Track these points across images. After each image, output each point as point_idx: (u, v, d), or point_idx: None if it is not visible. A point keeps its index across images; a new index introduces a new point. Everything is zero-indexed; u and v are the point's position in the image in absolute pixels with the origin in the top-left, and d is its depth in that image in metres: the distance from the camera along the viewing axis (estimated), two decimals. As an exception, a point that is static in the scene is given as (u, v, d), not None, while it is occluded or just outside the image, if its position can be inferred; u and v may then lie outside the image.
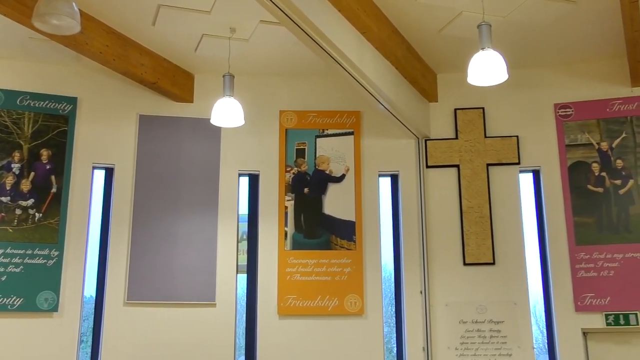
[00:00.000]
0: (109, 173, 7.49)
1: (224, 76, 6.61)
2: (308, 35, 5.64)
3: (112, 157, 7.46)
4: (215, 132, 7.56)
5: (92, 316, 7.27)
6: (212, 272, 7.30)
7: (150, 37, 6.95)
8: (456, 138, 7.77)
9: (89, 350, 7.18)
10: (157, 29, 6.76)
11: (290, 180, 7.70)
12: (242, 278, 7.64)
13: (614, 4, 6.22)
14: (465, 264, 7.44)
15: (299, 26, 5.49)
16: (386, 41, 6.62)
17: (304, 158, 7.78)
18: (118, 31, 6.80)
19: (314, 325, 7.33)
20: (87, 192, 7.32)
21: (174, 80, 7.51)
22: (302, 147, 7.81)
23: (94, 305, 7.27)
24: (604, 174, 7.39)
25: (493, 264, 7.40)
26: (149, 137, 7.54)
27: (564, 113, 7.62)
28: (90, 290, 7.30)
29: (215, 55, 7.14)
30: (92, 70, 7.36)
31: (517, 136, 7.67)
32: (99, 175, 7.51)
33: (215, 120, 6.62)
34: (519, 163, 7.62)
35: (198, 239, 7.38)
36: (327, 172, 7.74)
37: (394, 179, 7.89)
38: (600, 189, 7.37)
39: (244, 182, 7.81)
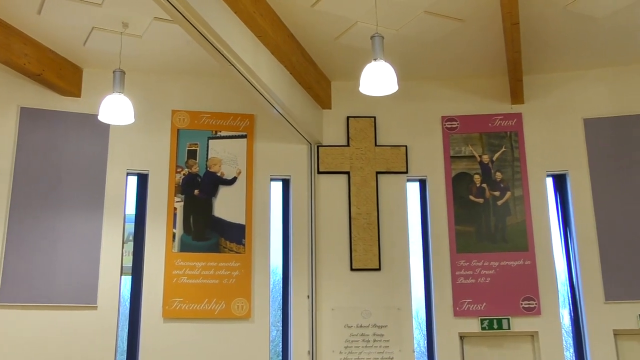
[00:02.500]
0: (-15, 167, 7.06)
1: (114, 72, 6.40)
2: (202, 35, 5.58)
3: (-11, 151, 7.06)
4: (104, 129, 7.31)
5: (-40, 319, 6.82)
6: (94, 273, 7.04)
7: (36, 27, 6.63)
8: (348, 145, 7.92)
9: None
10: (43, 18, 6.45)
11: (181, 181, 7.57)
12: (127, 280, 7.42)
13: (498, 25, 6.57)
14: (352, 269, 7.59)
15: (193, 25, 5.42)
16: (281, 46, 6.65)
17: (196, 159, 7.67)
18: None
19: (200, 328, 7.22)
20: (-40, 186, 6.88)
21: (60, 73, 7.19)
22: (193, 148, 7.69)
23: (-38, 307, 6.83)
24: (484, 185, 7.76)
25: (379, 270, 7.59)
26: (31, 131, 7.18)
27: (450, 126, 7.95)
28: (-41, 291, 6.85)
29: (105, 49, 6.91)
30: (-30, 57, 6.93)
31: (405, 146, 7.92)
32: (-26, 169, 7.07)
33: (103, 117, 6.40)
34: (406, 172, 7.87)
35: (81, 238, 7.09)
36: (219, 174, 7.67)
37: (286, 184, 7.93)
38: (480, 200, 7.73)
39: (132, 181, 7.60)
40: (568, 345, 7.68)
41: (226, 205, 7.58)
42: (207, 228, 7.50)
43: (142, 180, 7.58)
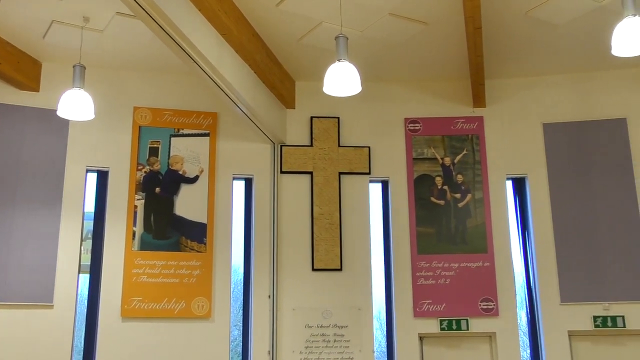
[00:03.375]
0: (-62, 161, 6.88)
1: (74, 66, 6.29)
2: (165, 31, 5.52)
3: (-57, 145, 6.88)
4: (63, 124, 7.18)
5: None
6: (50, 271, 6.91)
7: (-7, 18, 6.48)
8: (311, 145, 7.92)
9: None
10: (1, 10, 6.29)
11: (142, 179, 7.48)
12: (85, 278, 7.30)
13: (461, 29, 6.64)
14: (313, 269, 7.60)
15: (155, 21, 5.36)
16: (246, 44, 6.62)
17: (157, 157, 7.59)
18: (-45, 8, 6.29)
19: (159, 328, 7.15)
20: None
21: (18, 67, 7.04)
22: (155, 145, 7.61)
23: None
24: (445, 187, 7.84)
25: (340, 270, 7.61)
26: (-13, 125, 7.03)
27: (413, 128, 8.01)
28: None
29: (66, 44, 6.79)
30: None
31: (368, 147, 7.95)
32: None
33: (62, 112, 6.28)
34: (369, 173, 7.91)
35: (37, 235, 6.95)
36: (181, 172, 7.60)
37: (248, 183, 7.90)
38: (441, 202, 7.81)
39: (92, 178, 7.48)
40: (525, 346, 7.80)
41: (188, 204, 7.52)
42: (168, 226, 7.42)
43: (102, 177, 7.47)
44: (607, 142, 7.70)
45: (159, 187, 7.51)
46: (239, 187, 7.90)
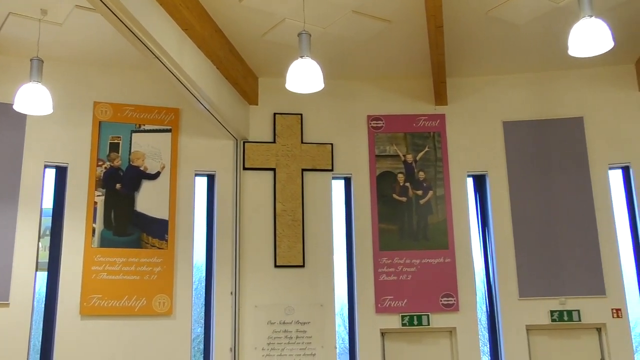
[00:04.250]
0: None
1: (31, 60, 6.17)
2: (125, 25, 5.44)
3: None
4: (19, 119, 7.02)
5: None
6: (6, 268, 6.76)
7: (-52, 10, 6.31)
8: (274, 142, 7.91)
9: None
10: (-45, 1, 6.15)
11: (102, 174, 7.37)
12: (43, 276, 7.16)
13: (423, 28, 6.70)
14: (276, 266, 7.59)
15: (115, 15, 5.28)
16: (208, 40, 6.58)
17: (118, 153, 7.49)
18: None
19: (119, 326, 7.06)
20: None
21: (-27, 60, 6.88)
22: (116, 141, 7.51)
23: None
24: (407, 184, 7.91)
25: (303, 266, 7.62)
26: (-60, 119, 6.84)
27: (376, 125, 8.06)
28: None
29: (23, 36, 6.65)
30: None
31: (331, 144, 7.97)
32: None
33: (19, 106, 6.15)
34: (332, 170, 7.93)
35: (-7, 233, 6.81)
36: (142, 168, 7.52)
37: (211, 179, 7.85)
38: (403, 199, 7.88)
39: (50, 174, 7.34)
40: (484, 340, 7.93)
41: (149, 200, 7.44)
42: (128, 223, 7.34)
43: (61, 173, 7.34)
44: (565, 141, 7.85)
45: (119, 183, 7.41)
46: (201, 183, 7.85)
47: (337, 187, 8.07)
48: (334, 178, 8.00)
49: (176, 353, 7.14)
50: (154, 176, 7.52)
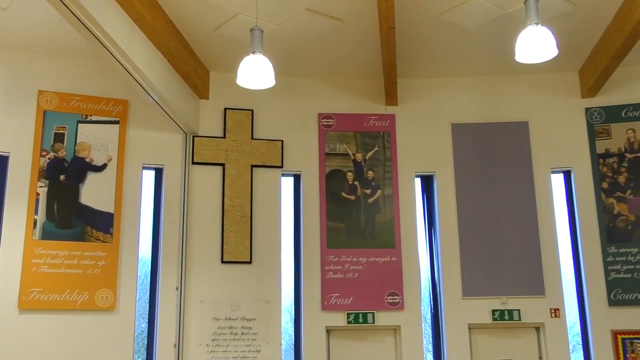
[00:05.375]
0: None
1: (-27, 45, 5.99)
2: (73, 13, 5.31)
3: None
4: (-40, 105, 6.81)
5: None
6: (-58, 260, 6.55)
7: None
8: (224, 137, 7.86)
9: None
10: None
11: (45, 165, 7.19)
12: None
13: (376, 28, 6.75)
14: (223, 261, 7.55)
15: (62, 2, 5.15)
16: (159, 32, 6.48)
17: (63, 143, 7.31)
18: None
19: (60, 320, 6.90)
20: None
21: None
22: (61, 131, 7.33)
23: None
24: (356, 183, 7.97)
25: (250, 262, 7.60)
26: None
27: (326, 123, 8.09)
28: None
29: (-35, 20, 6.44)
30: None
31: (282, 140, 7.97)
32: None
33: (-41, 93, 5.95)
34: (282, 167, 7.93)
35: None
36: (88, 160, 7.36)
37: (159, 173, 7.75)
38: (352, 197, 7.93)
39: (-9, 163, 7.13)
40: (429, 338, 8.05)
41: (94, 193, 7.29)
42: (72, 215, 7.18)
43: (2, 162, 7.12)
44: (510, 144, 8.04)
45: (63, 174, 7.24)
46: (148, 177, 7.74)
47: (287, 184, 8.07)
48: (283, 175, 8.00)
49: (119, 349, 7.03)
50: (100, 168, 7.38)
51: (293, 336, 7.89)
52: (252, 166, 7.83)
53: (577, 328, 7.85)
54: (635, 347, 7.29)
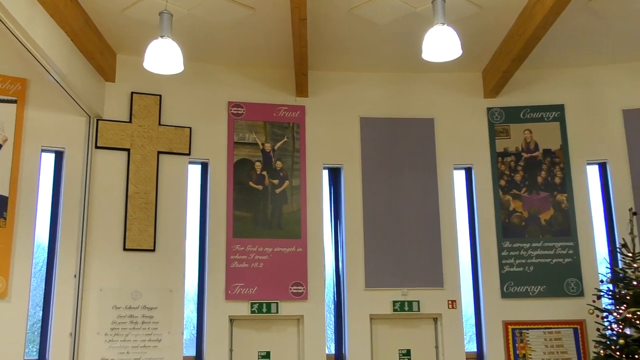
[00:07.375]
0: None
1: None
2: (-34, -16, 5.02)
3: None
4: None
5: None
6: None
7: None
8: (130, 122, 7.66)
9: None
10: None
11: None
12: None
13: (288, 19, 6.75)
14: (125, 249, 7.37)
15: (-46, -29, 4.86)
16: (62, 10, 6.22)
17: (-46, 121, 6.91)
18: None
19: (-54, 308, 6.56)
20: None
21: None
22: (-48, 108, 6.93)
23: None
24: (264, 173, 7.97)
25: (153, 250, 7.46)
26: None
27: (236, 112, 8.03)
28: None
29: None
30: None
31: (190, 127, 7.85)
32: None
33: None
34: (189, 154, 7.81)
35: None
36: (-19, 140, 7.00)
37: (59, 156, 7.46)
38: (260, 187, 7.92)
39: None
40: (332, 328, 8.17)
41: (-12, 175, 6.95)
42: (-38, 198, 6.81)
43: None
44: (416, 140, 8.25)
45: (-46, 154, 6.85)
46: (48, 160, 7.43)
47: (194, 172, 7.96)
48: (190, 162, 7.88)
49: (10, 337, 6.72)
50: (-5, 149, 7.03)
51: (196, 326, 7.81)
52: (159, 152, 7.67)
53: (473, 319, 8.18)
54: (524, 337, 7.69)
